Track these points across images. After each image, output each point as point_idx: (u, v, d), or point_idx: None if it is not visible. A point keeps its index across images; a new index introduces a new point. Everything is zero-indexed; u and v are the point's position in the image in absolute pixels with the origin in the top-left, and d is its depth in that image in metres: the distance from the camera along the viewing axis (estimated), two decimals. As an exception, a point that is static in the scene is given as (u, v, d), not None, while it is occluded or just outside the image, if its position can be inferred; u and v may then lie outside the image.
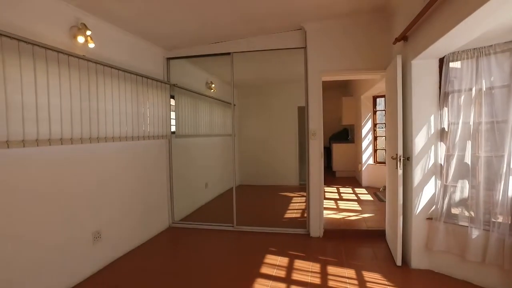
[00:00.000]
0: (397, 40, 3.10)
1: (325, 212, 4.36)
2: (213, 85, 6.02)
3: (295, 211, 5.28)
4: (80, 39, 2.88)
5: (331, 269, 3.06)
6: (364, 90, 6.93)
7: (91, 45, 2.98)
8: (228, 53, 4.29)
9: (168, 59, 4.52)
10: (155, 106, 4.11)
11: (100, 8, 3.00)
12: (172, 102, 4.56)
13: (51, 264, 2.62)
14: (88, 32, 2.93)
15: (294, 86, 6.74)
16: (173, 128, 4.59)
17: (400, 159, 3.04)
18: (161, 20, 3.46)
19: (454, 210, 2.86)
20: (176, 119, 4.66)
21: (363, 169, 7.24)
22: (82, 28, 2.91)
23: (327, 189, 6.68)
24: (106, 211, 3.28)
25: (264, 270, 3.09)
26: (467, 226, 2.71)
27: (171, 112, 4.53)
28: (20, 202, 2.37)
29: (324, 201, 4.30)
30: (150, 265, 3.26)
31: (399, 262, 3.10)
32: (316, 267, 3.12)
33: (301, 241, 3.85)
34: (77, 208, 2.91)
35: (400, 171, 3.06)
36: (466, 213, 2.78)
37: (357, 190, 6.65)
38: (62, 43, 2.76)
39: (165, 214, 4.49)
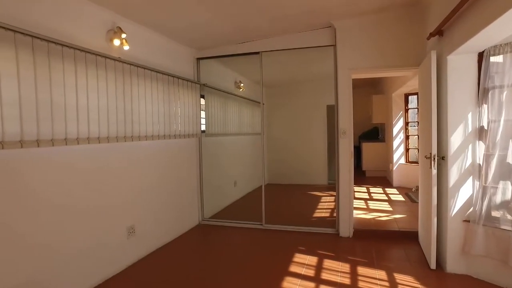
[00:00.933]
0: (431, 35, 2.99)
1: (355, 212, 4.29)
2: (241, 84, 6.08)
3: (324, 210, 5.22)
4: (116, 42, 3.01)
5: (361, 270, 3.01)
6: (395, 88, 6.73)
7: (126, 47, 3.11)
8: (257, 52, 4.31)
9: (198, 59, 4.62)
10: (185, 105, 4.21)
11: (134, 12, 3.12)
12: (202, 101, 4.66)
13: (91, 254, 2.77)
14: (123, 35, 3.06)
15: (323, 85, 6.66)
16: (203, 127, 4.68)
17: (434, 159, 2.94)
18: (192, 22, 3.54)
19: (495, 213, 2.72)
20: (206, 118, 4.76)
21: (394, 168, 7.04)
22: (117, 31, 3.04)
23: (356, 188, 6.55)
24: (140, 207, 3.41)
25: (293, 268, 3.09)
26: (510, 230, 2.57)
27: (201, 111, 4.63)
28: (65, 193, 2.53)
29: (354, 201, 4.22)
30: (180, 261, 3.35)
31: (433, 265, 2.99)
32: (345, 267, 3.08)
33: (330, 241, 3.81)
34: (113, 203, 3.05)
35: (434, 171, 2.95)
36: (509, 216, 2.63)
37: (388, 190, 6.48)
38: (100, 46, 2.89)
39: (195, 211, 4.59)
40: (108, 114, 2.92)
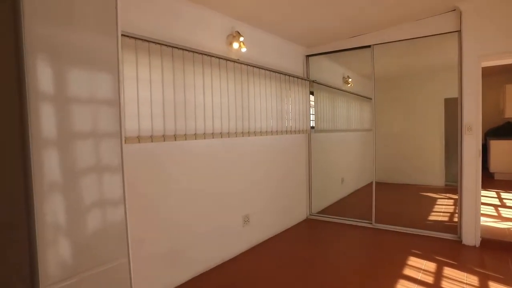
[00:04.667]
0: None
1: (482, 219, 3.79)
2: (350, 80, 5.93)
3: (441, 214, 4.74)
4: (235, 45, 3.29)
5: (493, 286, 2.65)
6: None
7: (244, 49, 3.37)
8: (368, 46, 4.16)
9: (307, 56, 4.69)
10: (296, 102, 4.35)
11: (251, 15, 3.36)
12: (311, 97, 4.73)
13: (212, 239, 3.12)
14: (241, 38, 3.32)
15: (441, 76, 6.01)
16: (312, 123, 4.76)
17: None
18: (303, 20, 3.62)
19: None
20: (315, 114, 4.82)
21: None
22: (236, 35, 3.32)
23: (483, 193, 5.72)
24: (254, 198, 3.67)
25: (408, 272, 2.92)
26: None
27: (311, 107, 4.71)
28: (194, 180, 2.92)
29: (481, 206, 3.73)
30: (289, 252, 3.49)
31: None
32: (472, 279, 2.76)
33: (451, 248, 3.46)
34: (232, 192, 3.36)
35: None
36: None
37: (526, 197, 5.49)
38: (221, 50, 3.21)
39: (303, 206, 4.71)
40: (229, 111, 3.23)
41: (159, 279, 2.62)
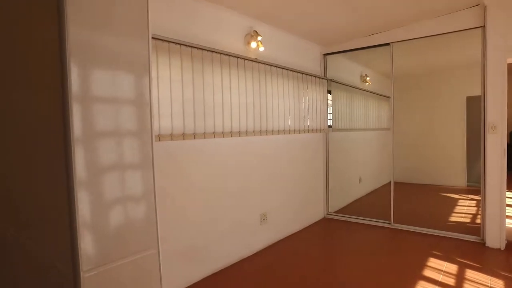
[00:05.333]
0: None
1: (507, 221, 3.67)
2: (367, 78, 5.86)
3: (463, 215, 4.62)
4: (253, 45, 3.30)
5: (519, 288, 2.58)
6: None
7: (261, 48, 3.37)
8: (387, 44, 4.09)
9: (325, 55, 4.66)
10: (313, 101, 4.33)
11: (269, 14, 3.36)
12: (329, 96, 4.70)
13: (230, 236, 3.15)
14: (259, 38, 3.33)
15: (463, 74, 5.85)
16: (329, 122, 4.73)
17: None
18: (320, 18, 3.59)
19: None
20: (333, 113, 4.79)
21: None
22: (254, 35, 3.33)
23: (508, 193, 5.55)
24: (271, 197, 3.68)
25: (428, 273, 2.86)
26: None
27: (328, 106, 4.68)
28: (211, 179, 2.95)
29: (506, 208, 3.61)
30: (306, 251, 3.48)
31: None
32: (498, 283, 2.68)
33: (473, 250, 3.37)
34: (250, 191, 3.38)
35: None
36: None
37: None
38: (239, 49, 3.23)
39: (320, 205, 4.69)
40: (247, 110, 3.24)
41: (179, 275, 2.66)
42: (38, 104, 0.99)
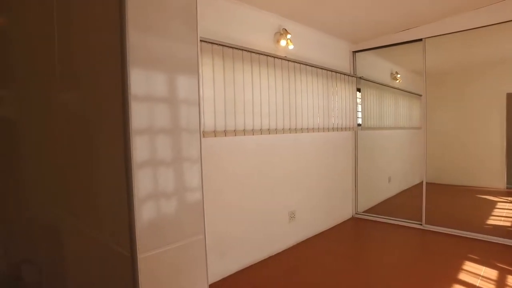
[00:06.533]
0: None
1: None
2: (398, 76, 5.71)
3: (502, 218, 4.41)
4: (282, 43, 3.32)
5: None
6: None
7: (291, 46, 3.38)
8: (420, 39, 3.97)
9: (354, 52, 4.60)
10: (342, 99, 4.29)
11: (298, 12, 3.36)
12: (358, 94, 4.64)
13: (259, 233, 3.18)
14: (288, 36, 3.34)
15: (503, 69, 5.58)
16: (359, 121, 4.67)
17: None
18: (350, 15, 3.55)
19: None
20: (362, 111, 4.72)
21: None
22: (283, 33, 3.34)
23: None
24: (300, 195, 3.68)
25: (463, 277, 2.76)
26: None
27: (357, 104, 4.63)
28: (245, 175, 3.01)
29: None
30: (334, 250, 3.46)
31: None
32: (539, 287, 2.55)
33: (514, 255, 3.22)
34: (278, 189, 3.40)
35: None
36: None
37: None
38: (269, 48, 3.25)
39: (349, 204, 4.63)
40: (276, 108, 3.27)
41: (209, 269, 2.72)
42: (100, 102, 1.14)
